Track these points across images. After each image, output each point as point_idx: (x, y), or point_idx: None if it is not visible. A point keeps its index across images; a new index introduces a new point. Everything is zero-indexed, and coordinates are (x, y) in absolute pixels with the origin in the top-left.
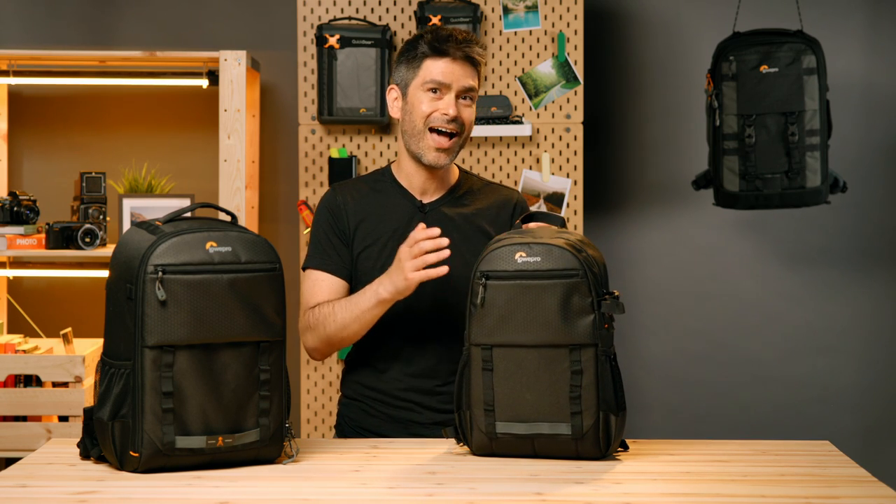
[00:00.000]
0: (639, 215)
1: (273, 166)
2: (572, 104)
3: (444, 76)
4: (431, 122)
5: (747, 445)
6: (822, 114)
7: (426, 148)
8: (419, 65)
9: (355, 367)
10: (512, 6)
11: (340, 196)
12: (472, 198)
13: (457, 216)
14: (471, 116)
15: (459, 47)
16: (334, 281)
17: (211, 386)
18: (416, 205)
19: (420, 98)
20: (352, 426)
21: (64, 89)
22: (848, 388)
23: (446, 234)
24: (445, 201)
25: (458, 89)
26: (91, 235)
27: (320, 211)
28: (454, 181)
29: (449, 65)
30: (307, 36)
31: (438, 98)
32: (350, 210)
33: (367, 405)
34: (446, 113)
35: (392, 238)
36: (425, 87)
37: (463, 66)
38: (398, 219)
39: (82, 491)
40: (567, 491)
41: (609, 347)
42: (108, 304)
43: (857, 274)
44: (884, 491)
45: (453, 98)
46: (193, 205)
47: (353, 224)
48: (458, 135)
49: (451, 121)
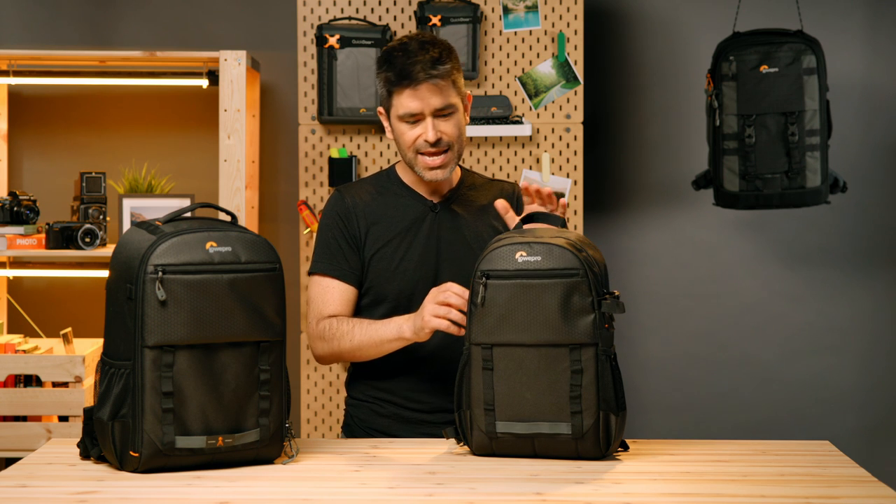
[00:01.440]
0: (639, 215)
1: (273, 166)
2: (572, 104)
3: (414, 106)
4: (417, 147)
5: (747, 445)
6: (822, 114)
7: (422, 170)
8: (390, 95)
9: (363, 367)
10: (512, 6)
11: (349, 198)
12: (476, 195)
13: (466, 214)
14: (454, 128)
15: (417, 72)
16: (344, 288)
17: (211, 386)
18: (428, 205)
19: (401, 129)
20: (361, 427)
21: (64, 89)
22: (848, 389)
23: (458, 232)
24: (454, 200)
25: (431, 112)
26: (91, 235)
27: (328, 214)
28: (457, 179)
29: (414, 93)
30: (307, 36)
31: (416, 125)
32: (360, 212)
33: (377, 405)
34: (427, 139)
35: (406, 239)
36: (401, 119)
37: (429, 87)
38: (411, 219)
39: (82, 491)
40: (567, 491)
41: (609, 347)
42: (108, 304)
43: (857, 274)
44: (884, 491)
45: (430, 121)
46: (193, 205)
47: (364, 227)
48: (447, 150)
49: (433, 144)
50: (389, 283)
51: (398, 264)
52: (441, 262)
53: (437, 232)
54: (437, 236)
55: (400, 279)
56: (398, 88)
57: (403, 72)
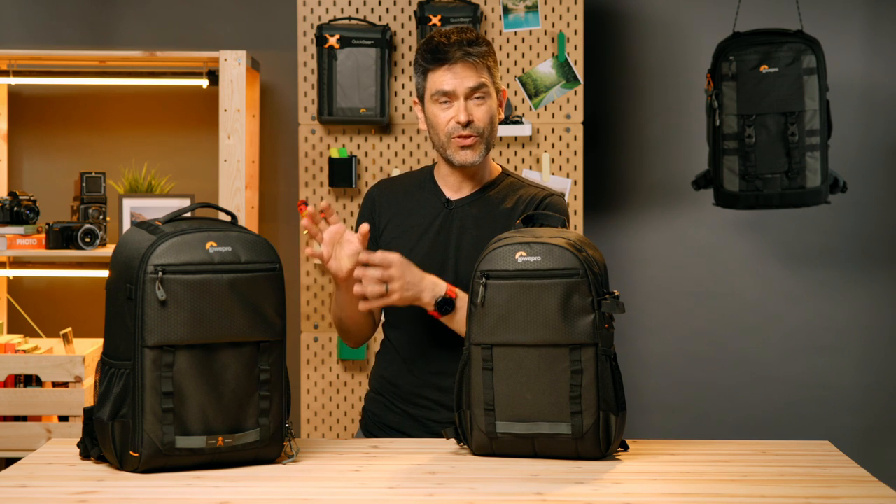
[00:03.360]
0: (639, 215)
1: (273, 166)
2: (572, 104)
3: (447, 84)
4: (450, 131)
5: (747, 445)
6: (822, 114)
7: (453, 152)
8: (425, 78)
9: (381, 362)
10: (512, 6)
11: (377, 191)
12: (502, 196)
13: (479, 214)
14: (487, 113)
15: (453, 51)
16: None
17: (211, 386)
18: (443, 201)
19: (434, 111)
20: (375, 421)
21: (64, 89)
22: (848, 388)
23: (464, 231)
24: (474, 198)
25: (465, 92)
26: (91, 235)
27: (363, 203)
28: (491, 178)
29: (448, 71)
30: (307, 36)
31: (449, 106)
32: (385, 204)
33: (389, 400)
34: (459, 120)
35: (417, 233)
36: (434, 98)
37: (464, 66)
38: (424, 214)
39: (82, 491)
40: (567, 491)
41: (609, 347)
42: (108, 305)
43: (857, 274)
44: (884, 491)
45: (462, 103)
46: (193, 205)
47: (385, 218)
48: (477, 136)
49: (465, 126)
50: None
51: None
52: (448, 258)
53: (449, 229)
54: (448, 233)
55: None
56: (433, 67)
57: (439, 51)
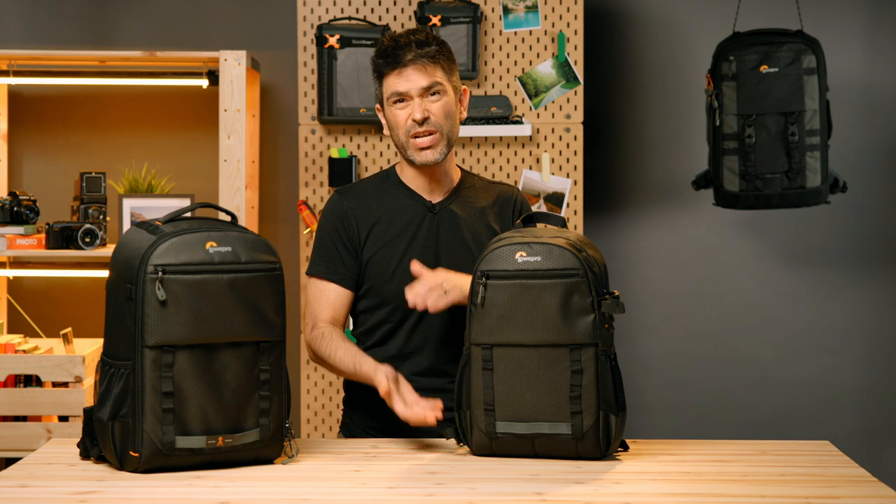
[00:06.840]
0: (639, 215)
1: (273, 166)
2: (572, 104)
3: (401, 86)
4: (407, 129)
5: (747, 445)
6: (822, 114)
7: (413, 153)
8: (381, 83)
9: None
10: (512, 6)
11: (347, 201)
12: (475, 196)
13: (465, 215)
14: (442, 109)
15: (404, 53)
16: (340, 292)
17: (211, 386)
18: (426, 205)
19: (392, 113)
20: (360, 426)
21: (64, 89)
22: (848, 389)
23: (456, 233)
24: (452, 200)
25: (418, 92)
26: (91, 235)
27: (327, 217)
28: (457, 181)
29: (401, 73)
30: (307, 36)
31: (405, 106)
32: (360, 215)
33: (375, 405)
34: (414, 118)
35: (404, 240)
36: (391, 101)
37: (415, 68)
38: (409, 220)
39: (82, 491)
40: (567, 491)
41: (609, 347)
42: (108, 305)
43: (857, 274)
44: (884, 491)
45: (417, 101)
46: (193, 205)
47: (363, 229)
48: (436, 133)
49: (420, 123)
50: (388, 284)
51: (397, 265)
52: (440, 262)
53: (436, 233)
54: (436, 237)
55: (399, 280)
56: (387, 71)
57: (390, 54)
